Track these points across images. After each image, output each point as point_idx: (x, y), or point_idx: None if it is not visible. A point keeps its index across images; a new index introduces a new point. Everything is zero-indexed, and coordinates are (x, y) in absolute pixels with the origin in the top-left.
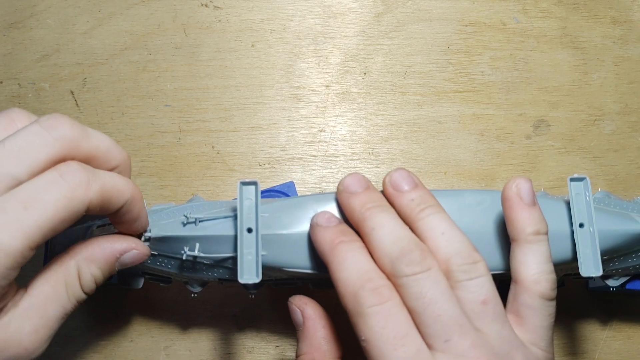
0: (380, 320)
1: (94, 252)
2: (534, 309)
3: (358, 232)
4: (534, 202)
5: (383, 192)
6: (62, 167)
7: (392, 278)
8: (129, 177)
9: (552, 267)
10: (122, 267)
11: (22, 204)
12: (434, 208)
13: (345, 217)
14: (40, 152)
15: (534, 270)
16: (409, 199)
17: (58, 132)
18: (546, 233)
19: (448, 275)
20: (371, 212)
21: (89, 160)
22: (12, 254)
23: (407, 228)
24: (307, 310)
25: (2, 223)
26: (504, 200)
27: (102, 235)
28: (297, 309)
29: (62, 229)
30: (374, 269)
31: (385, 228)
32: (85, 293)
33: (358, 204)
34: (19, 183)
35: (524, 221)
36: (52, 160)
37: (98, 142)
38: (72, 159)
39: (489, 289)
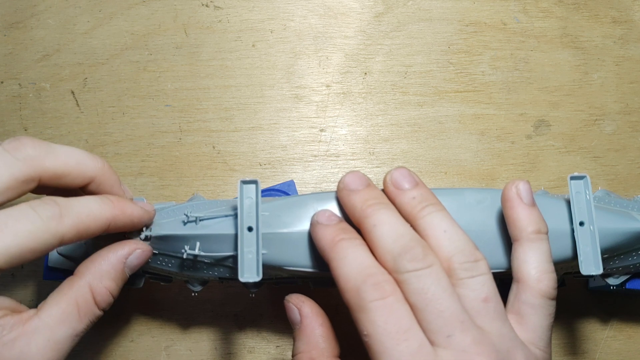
0: (383, 315)
1: (102, 266)
2: (535, 308)
3: (359, 230)
4: (533, 203)
5: (384, 191)
6: (35, 201)
7: (394, 274)
8: (113, 185)
9: (553, 267)
10: (131, 271)
11: None
12: (436, 206)
13: (346, 216)
14: (2, 172)
15: (537, 269)
16: (410, 197)
17: (20, 152)
18: (546, 233)
19: (449, 273)
20: (372, 209)
21: (59, 177)
22: None
23: (408, 225)
24: (304, 308)
25: None
26: (504, 201)
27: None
28: (294, 307)
29: (30, 258)
30: (375, 264)
31: (386, 225)
32: (101, 310)
33: (359, 201)
34: None
35: (525, 220)
36: (17, 179)
37: (66, 157)
38: (39, 177)
39: (490, 287)
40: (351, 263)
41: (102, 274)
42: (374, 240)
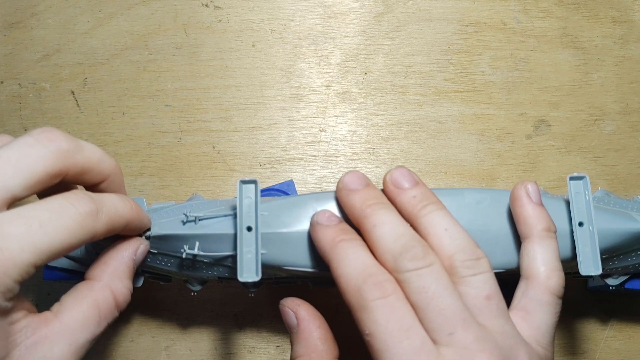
0: (385, 314)
1: (117, 266)
2: (543, 304)
3: (358, 230)
4: (541, 203)
5: (383, 190)
6: (72, 195)
7: (395, 274)
8: (121, 185)
9: (561, 266)
10: (136, 267)
11: (37, 221)
12: (436, 205)
13: (345, 216)
14: (37, 164)
15: (546, 266)
16: (410, 196)
17: (54, 144)
18: (555, 232)
19: (451, 271)
20: (372, 209)
21: (83, 173)
22: (20, 265)
23: (408, 225)
24: (300, 311)
25: (14, 235)
26: (514, 199)
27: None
28: (290, 311)
29: (64, 254)
30: (376, 264)
31: (386, 225)
32: (119, 311)
33: (358, 201)
34: (14, 197)
35: (535, 218)
36: (48, 173)
37: (90, 154)
38: (67, 172)
39: (492, 285)
40: (352, 263)
41: (120, 275)
42: (374, 240)
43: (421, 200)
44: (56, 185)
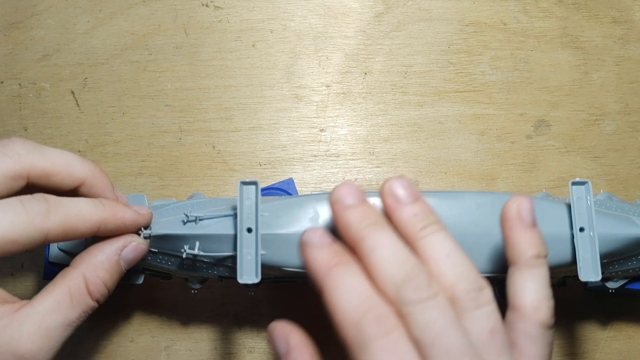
0: (387, 355)
1: (96, 257)
2: (533, 338)
3: (352, 249)
4: (534, 223)
5: (380, 198)
6: (26, 196)
7: (396, 305)
8: (105, 188)
9: (551, 293)
10: (128, 265)
11: None
12: (437, 225)
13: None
14: None
15: (534, 297)
16: (410, 214)
17: (8, 149)
18: (546, 256)
19: (453, 301)
20: (369, 229)
21: (48, 176)
22: None
23: (408, 249)
24: (292, 339)
25: None
26: (504, 221)
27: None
28: (280, 337)
29: (12, 250)
30: (375, 295)
31: (386, 249)
32: (95, 300)
33: (355, 219)
34: None
35: (524, 243)
36: (4, 175)
37: (55, 157)
38: (28, 175)
39: (495, 318)
40: (349, 293)
41: (96, 265)
42: (373, 265)
43: (422, 220)
44: (25, 190)
